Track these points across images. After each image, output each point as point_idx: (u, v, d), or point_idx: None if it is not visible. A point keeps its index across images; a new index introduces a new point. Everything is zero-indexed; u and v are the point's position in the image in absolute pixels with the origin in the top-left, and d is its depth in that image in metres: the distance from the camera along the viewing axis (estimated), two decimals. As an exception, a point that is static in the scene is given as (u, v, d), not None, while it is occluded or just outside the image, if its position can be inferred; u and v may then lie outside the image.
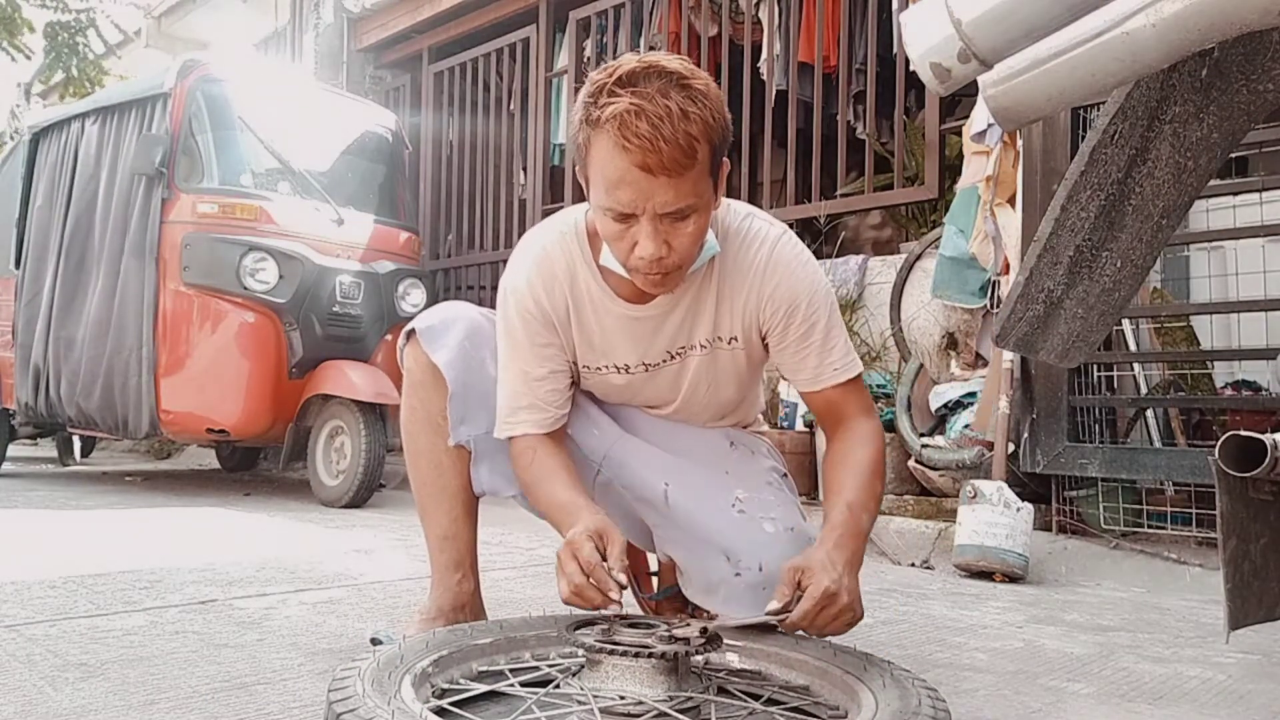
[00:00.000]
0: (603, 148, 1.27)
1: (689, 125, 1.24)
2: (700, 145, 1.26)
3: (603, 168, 1.28)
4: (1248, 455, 1.14)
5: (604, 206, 1.30)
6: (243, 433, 4.41)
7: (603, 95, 1.26)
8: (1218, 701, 1.55)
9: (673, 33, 5.31)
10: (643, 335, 1.51)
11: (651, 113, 1.22)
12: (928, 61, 1.13)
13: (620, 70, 1.27)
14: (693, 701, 1.17)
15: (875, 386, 3.78)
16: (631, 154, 1.23)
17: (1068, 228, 1.33)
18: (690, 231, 1.32)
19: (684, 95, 1.25)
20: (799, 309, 1.47)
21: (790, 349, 1.50)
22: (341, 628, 1.87)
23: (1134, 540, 2.82)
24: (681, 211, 1.29)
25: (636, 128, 1.22)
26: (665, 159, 1.23)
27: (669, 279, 1.38)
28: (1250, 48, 1.20)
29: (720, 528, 1.50)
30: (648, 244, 1.29)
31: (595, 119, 1.26)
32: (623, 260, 1.37)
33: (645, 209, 1.27)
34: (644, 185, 1.25)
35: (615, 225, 1.31)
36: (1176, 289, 3.29)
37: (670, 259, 1.32)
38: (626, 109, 1.23)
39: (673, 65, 1.27)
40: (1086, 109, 2.91)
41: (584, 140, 1.31)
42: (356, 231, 4.73)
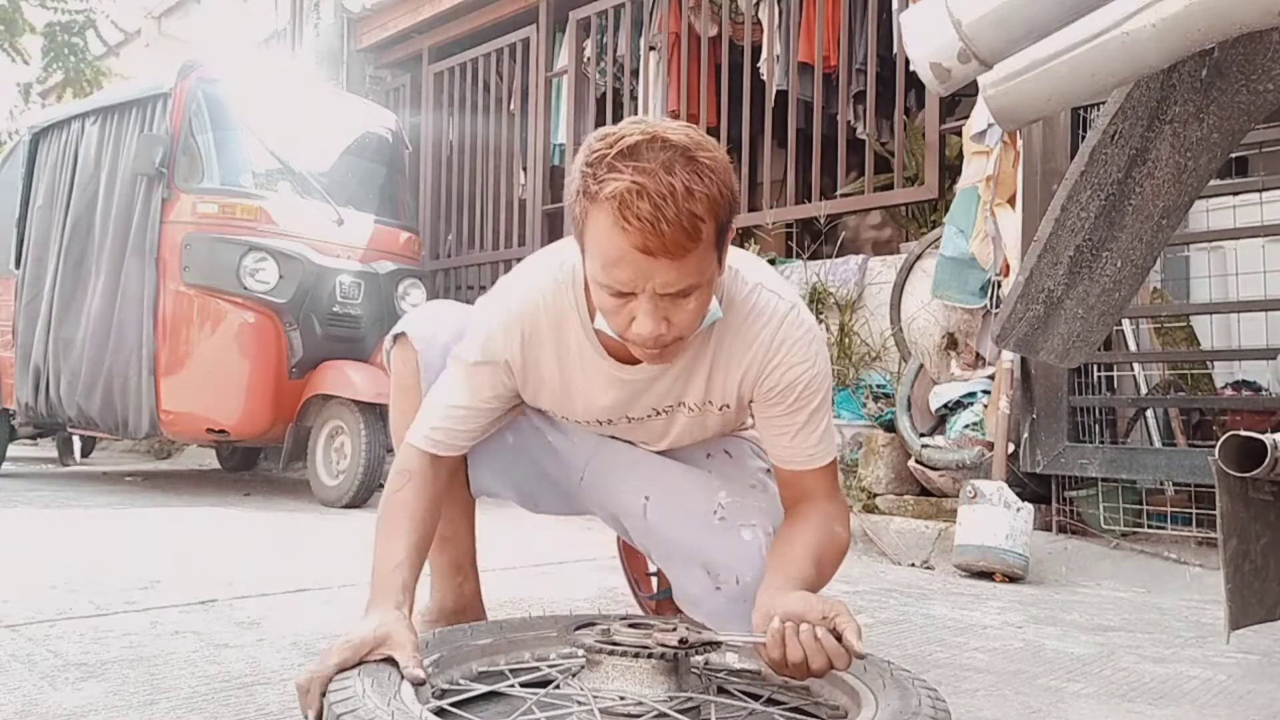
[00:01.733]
0: (600, 224, 1.18)
1: (694, 204, 1.15)
2: (705, 224, 1.17)
3: (600, 244, 1.19)
4: (1248, 455, 1.14)
5: (600, 282, 1.23)
6: (243, 433, 4.41)
7: (601, 168, 1.17)
8: (1218, 701, 1.55)
9: (673, 33, 5.31)
10: (629, 394, 1.46)
11: (654, 191, 1.14)
12: (928, 61, 1.13)
13: (622, 142, 1.17)
14: (693, 702, 1.17)
15: (875, 386, 3.78)
16: (631, 235, 1.15)
17: (1068, 228, 1.33)
18: (692, 308, 1.24)
19: (690, 171, 1.15)
20: (795, 389, 1.39)
21: (773, 421, 1.43)
22: (341, 628, 1.86)
23: (1134, 540, 2.82)
24: (683, 291, 1.21)
25: (637, 208, 1.13)
26: (667, 241, 1.15)
27: (668, 351, 1.30)
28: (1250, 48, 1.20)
29: (700, 542, 1.48)
30: (646, 322, 1.22)
31: (593, 193, 1.17)
32: (619, 332, 1.28)
33: (645, 288, 1.20)
34: (644, 266, 1.17)
35: (612, 300, 1.23)
36: (1176, 289, 3.29)
37: (670, 335, 1.25)
38: (627, 188, 1.14)
39: (677, 137, 1.17)
40: (1086, 109, 2.91)
41: (580, 212, 1.22)
42: (356, 231, 4.73)
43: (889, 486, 3.38)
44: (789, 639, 1.16)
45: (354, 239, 4.69)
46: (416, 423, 1.45)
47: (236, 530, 3.43)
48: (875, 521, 3.19)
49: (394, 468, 1.44)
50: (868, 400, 3.73)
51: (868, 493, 3.39)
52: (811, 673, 1.15)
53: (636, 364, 1.40)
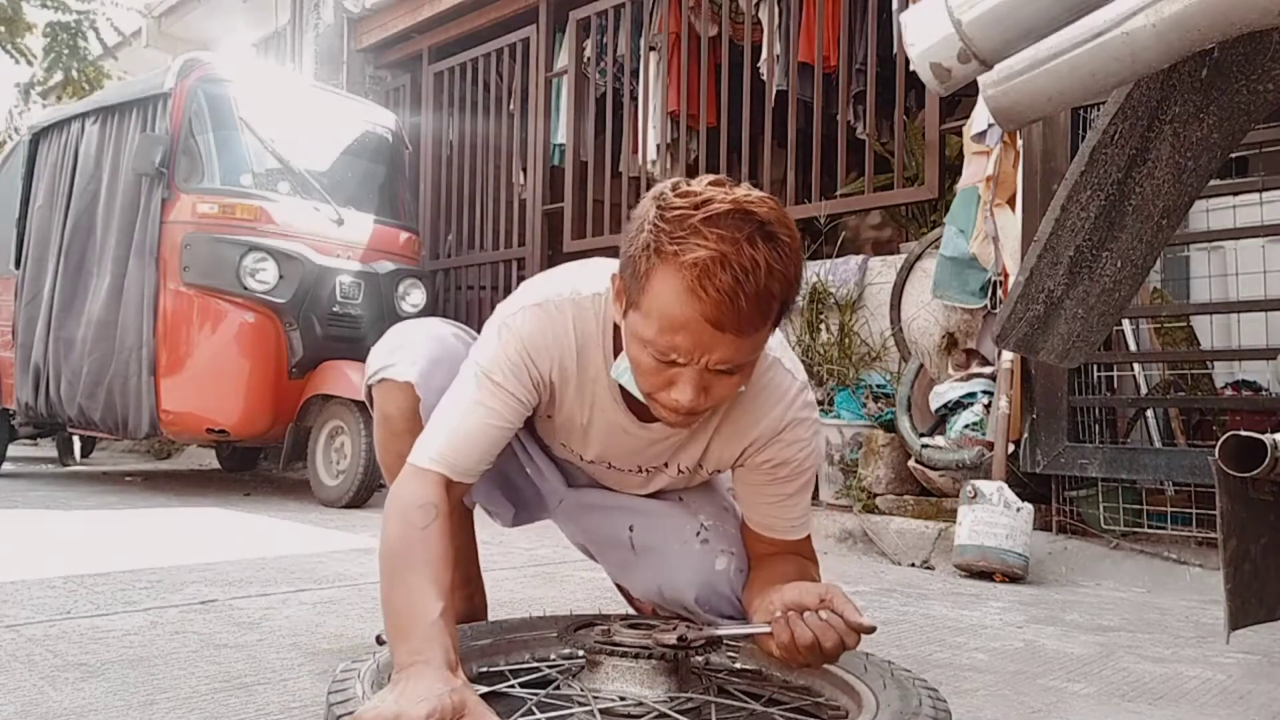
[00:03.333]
0: (670, 286, 1.11)
1: (772, 283, 1.11)
2: (776, 304, 1.14)
3: (663, 305, 1.12)
4: (1248, 455, 1.14)
5: (650, 343, 1.16)
6: (243, 433, 4.41)
7: (683, 229, 1.11)
8: (1218, 701, 1.55)
9: (673, 33, 5.31)
10: (626, 445, 1.43)
11: (737, 265, 1.08)
12: (928, 61, 1.13)
13: (709, 206, 1.11)
14: (693, 702, 1.17)
15: (875, 386, 3.78)
16: (705, 306, 1.09)
17: (1068, 228, 1.33)
18: (733, 383, 1.21)
19: (771, 247, 1.11)
20: (789, 465, 1.40)
21: (758, 488, 1.43)
22: (341, 628, 1.87)
23: (1134, 540, 2.82)
24: (732, 369, 1.17)
25: (719, 280, 1.08)
26: (741, 318, 1.10)
27: (691, 419, 1.26)
28: (1250, 48, 1.20)
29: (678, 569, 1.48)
30: (687, 391, 1.17)
31: (671, 254, 1.11)
32: (648, 391, 1.23)
33: (699, 360, 1.14)
34: (706, 339, 1.12)
35: (654, 363, 1.18)
36: (1176, 289, 3.29)
37: (703, 406, 1.21)
38: (712, 256, 1.09)
39: (761, 210, 1.12)
40: (1086, 109, 2.91)
41: (644, 267, 1.14)
42: (356, 231, 4.73)
43: (889, 486, 3.37)
44: (795, 623, 1.16)
45: (354, 239, 4.69)
46: (429, 444, 1.32)
47: (236, 530, 3.43)
48: (875, 521, 3.19)
49: (409, 498, 1.27)
50: (868, 400, 3.73)
51: (868, 493, 3.39)
52: (825, 653, 1.15)
53: (649, 422, 1.37)
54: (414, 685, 1.05)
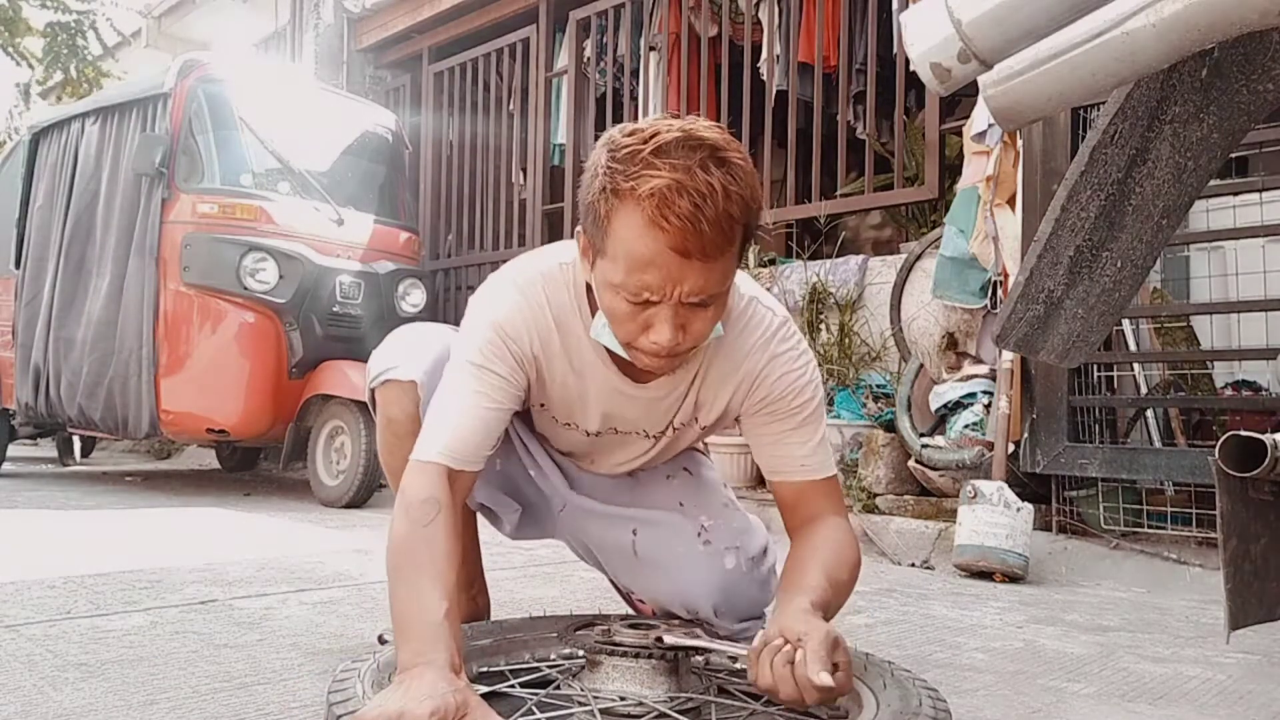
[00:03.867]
0: (632, 224, 1.12)
1: (730, 205, 1.12)
2: (738, 227, 1.15)
3: (628, 245, 1.13)
4: (1248, 455, 1.14)
5: (622, 286, 1.16)
6: (243, 433, 4.41)
7: (635, 164, 1.12)
8: (1218, 701, 1.55)
9: (673, 33, 5.31)
10: (626, 411, 1.43)
11: (693, 190, 1.09)
12: (928, 61, 1.13)
13: (657, 138, 1.12)
14: (693, 702, 1.17)
15: (875, 386, 3.78)
16: (669, 235, 1.10)
17: (1068, 228, 1.33)
18: (709, 317, 1.21)
19: (724, 171, 1.12)
20: (785, 398, 1.37)
21: (761, 431, 1.40)
22: (341, 628, 1.87)
23: (1134, 540, 2.82)
24: (705, 300, 1.18)
25: (677, 206, 1.09)
26: (706, 242, 1.11)
27: (675, 360, 1.27)
28: (1250, 48, 1.19)
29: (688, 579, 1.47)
30: (665, 330, 1.17)
31: (626, 190, 1.12)
32: (626, 340, 1.23)
33: (671, 294, 1.15)
34: (674, 270, 1.13)
35: (629, 307, 1.18)
36: (1176, 289, 3.29)
37: (684, 345, 1.21)
38: (667, 184, 1.09)
39: (710, 135, 1.14)
40: (1086, 109, 2.91)
41: (604, 211, 1.15)
42: (356, 231, 4.73)
43: (889, 486, 3.38)
44: (763, 663, 1.11)
45: (354, 239, 4.69)
46: (427, 438, 1.30)
47: (236, 530, 3.43)
48: (875, 521, 3.19)
49: (414, 494, 1.25)
50: (868, 400, 3.74)
51: (868, 493, 3.39)
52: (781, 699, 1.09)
53: (640, 380, 1.37)
54: (416, 685, 1.04)
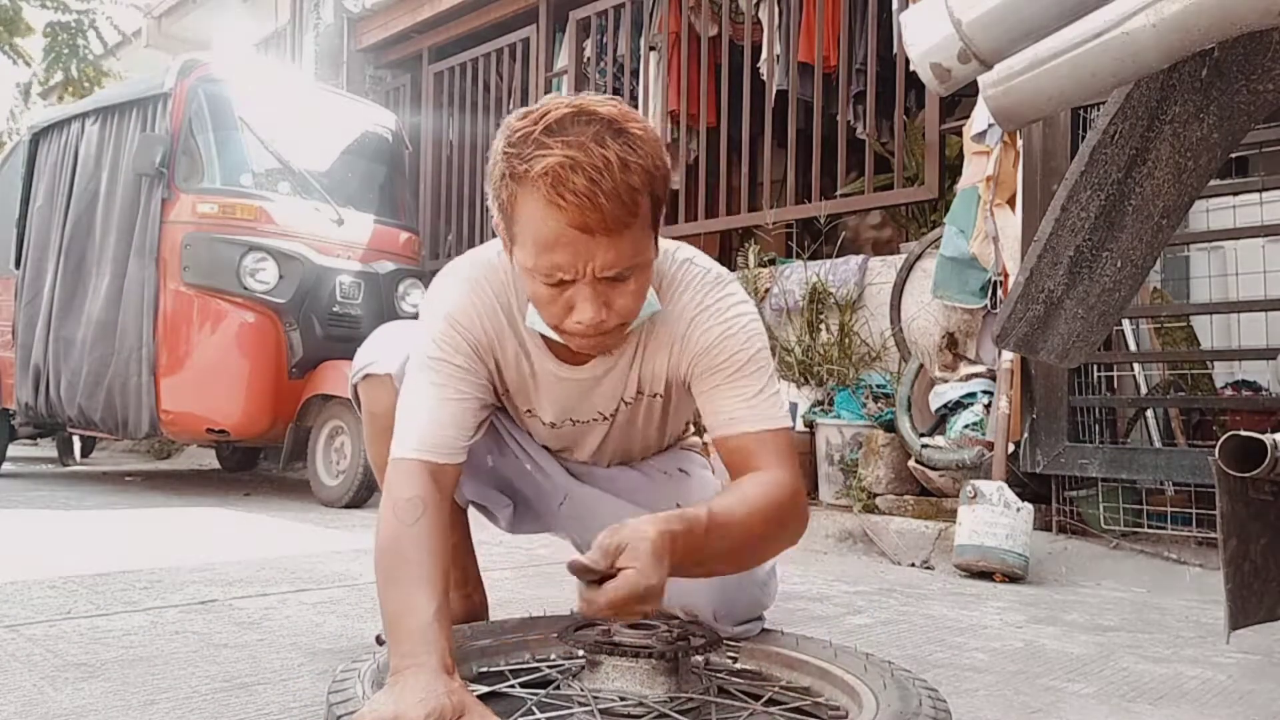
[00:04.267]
0: (532, 206, 1.13)
1: (630, 176, 1.11)
2: (642, 197, 1.13)
3: (534, 229, 1.14)
4: (1248, 455, 1.14)
5: (535, 270, 1.16)
6: (243, 433, 4.41)
7: (528, 145, 1.11)
8: (1218, 701, 1.55)
9: (673, 33, 5.31)
10: (572, 396, 1.43)
11: (588, 165, 1.09)
12: (928, 61, 1.13)
13: (547, 117, 1.12)
14: (693, 702, 1.17)
15: (875, 386, 3.78)
16: (567, 213, 1.10)
17: (1068, 228, 1.33)
18: (632, 290, 1.20)
19: (622, 143, 1.11)
20: (718, 346, 1.32)
21: (702, 387, 1.35)
22: (341, 628, 1.87)
23: (1134, 540, 2.82)
24: (622, 274, 1.17)
25: (572, 183, 1.08)
26: (606, 216, 1.10)
27: (608, 339, 1.25)
28: (1250, 48, 1.20)
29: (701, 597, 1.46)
30: (586, 308, 1.17)
31: (521, 174, 1.12)
32: (554, 325, 1.23)
33: (584, 271, 1.14)
34: (581, 247, 1.12)
35: (548, 290, 1.18)
36: (1176, 289, 3.29)
37: (610, 321, 1.20)
38: (560, 162, 1.09)
39: (605, 109, 1.14)
40: (1086, 109, 2.90)
41: (508, 197, 1.16)
42: (356, 231, 4.73)
43: (889, 486, 3.37)
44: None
45: (354, 239, 4.69)
46: (401, 436, 1.30)
47: (236, 530, 3.43)
48: (875, 521, 3.19)
49: (398, 493, 1.25)
50: (868, 400, 3.73)
51: (868, 493, 3.39)
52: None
53: (578, 362, 1.38)
54: (410, 688, 1.03)
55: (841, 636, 1.86)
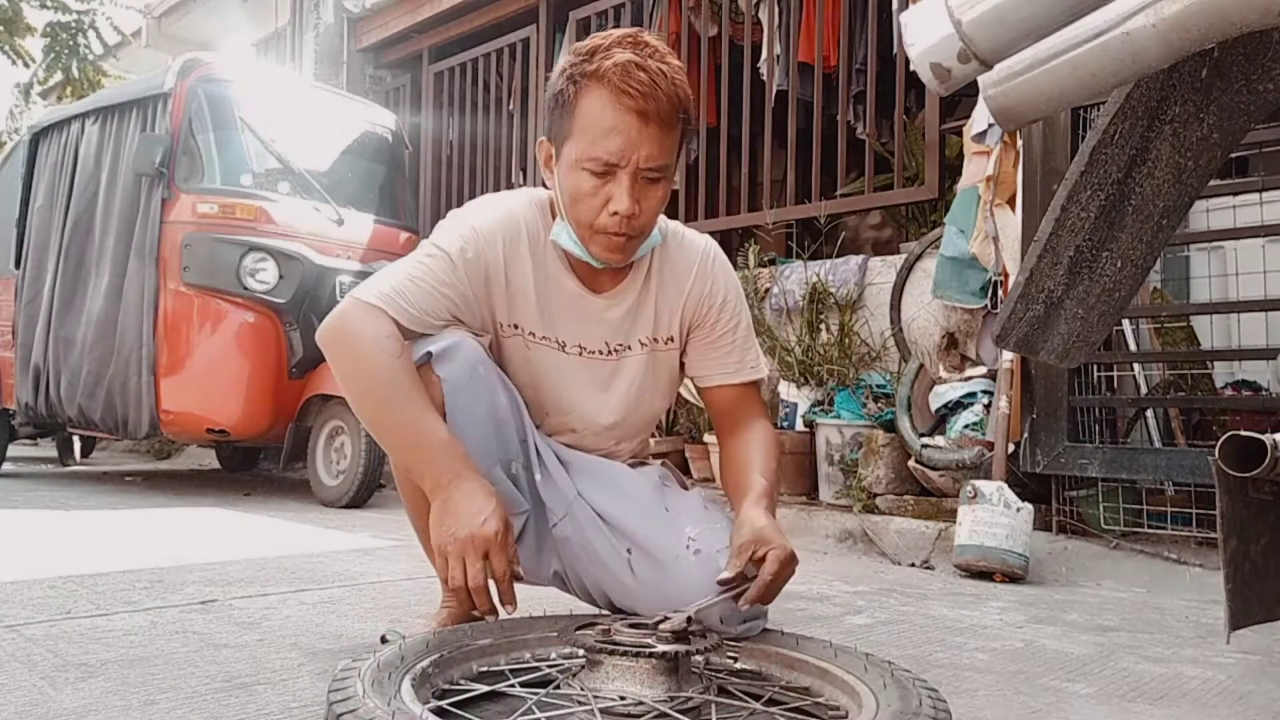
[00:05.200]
0: (597, 97, 1.34)
1: (679, 88, 1.36)
2: (682, 110, 1.37)
3: (595, 117, 1.34)
4: (1248, 455, 1.14)
5: (588, 157, 1.35)
6: (243, 433, 4.41)
7: (599, 53, 1.35)
8: (1218, 701, 1.55)
9: (673, 33, 5.31)
10: (587, 317, 1.54)
11: (652, 68, 1.33)
12: (928, 61, 1.13)
13: (613, 34, 1.38)
14: (693, 702, 1.17)
15: (875, 386, 3.78)
16: (633, 99, 1.31)
17: (1068, 228, 1.33)
18: (659, 196, 1.40)
19: (670, 65, 1.36)
20: (729, 305, 1.59)
21: (716, 342, 1.60)
22: (341, 628, 1.87)
23: (1134, 540, 2.82)
24: (658, 172, 1.37)
25: (639, 76, 1.31)
26: (662, 109, 1.33)
27: (628, 245, 1.43)
28: (1250, 48, 1.20)
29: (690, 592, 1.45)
30: (624, 198, 1.35)
31: (592, 71, 1.34)
32: (589, 221, 1.40)
33: (630, 160, 1.34)
34: (634, 135, 1.33)
35: (591, 180, 1.36)
36: (1176, 289, 3.29)
37: (638, 220, 1.39)
38: (629, 60, 1.32)
39: (655, 41, 1.39)
40: (1086, 109, 2.90)
41: (572, 95, 1.36)
42: (356, 231, 4.73)
43: (889, 486, 3.38)
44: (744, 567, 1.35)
45: (354, 239, 4.69)
46: (373, 285, 1.45)
47: (236, 530, 3.43)
48: (875, 521, 3.19)
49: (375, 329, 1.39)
50: (868, 400, 3.73)
51: (868, 493, 3.39)
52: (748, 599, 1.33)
53: (596, 290, 1.53)
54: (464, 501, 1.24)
55: (841, 636, 1.86)
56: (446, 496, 1.25)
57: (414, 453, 1.33)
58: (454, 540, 1.22)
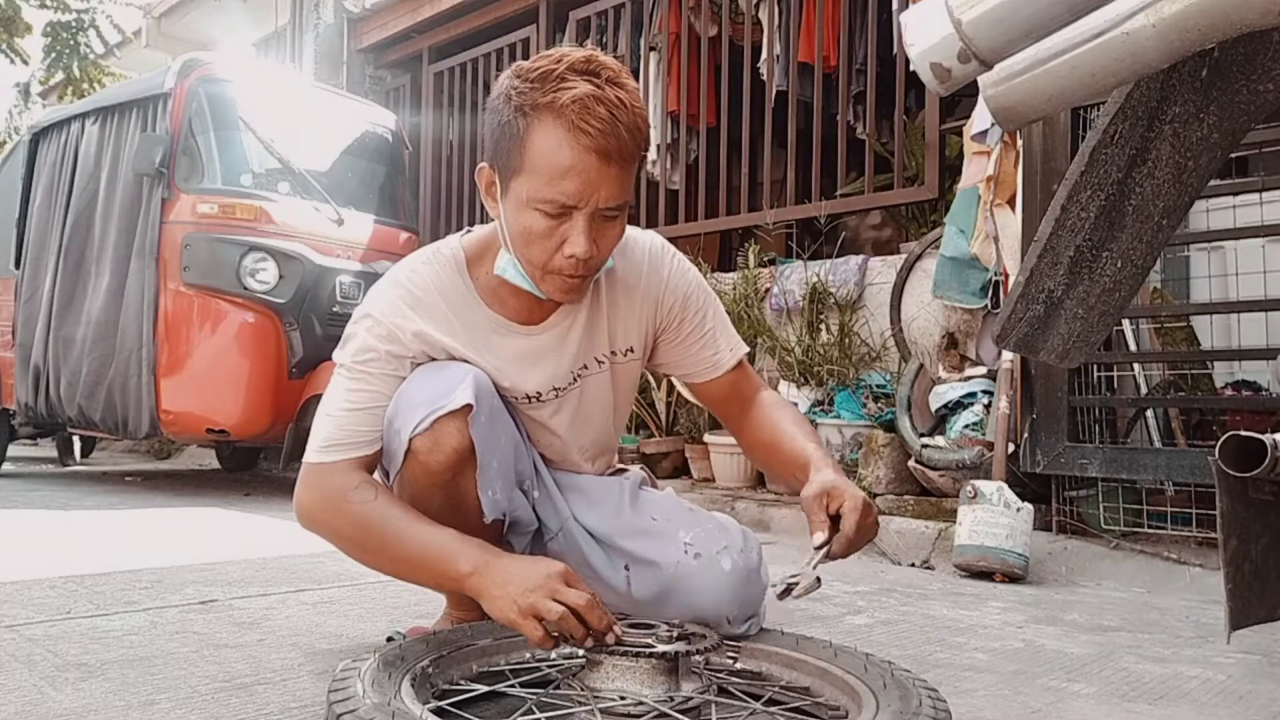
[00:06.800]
0: (552, 134, 1.21)
1: (638, 117, 1.24)
2: (642, 140, 1.26)
3: (550, 156, 1.22)
4: (1248, 455, 1.14)
5: (543, 199, 1.23)
6: (243, 433, 4.40)
7: (550, 80, 1.21)
8: (1218, 701, 1.55)
9: (673, 33, 5.31)
10: (544, 359, 1.46)
11: (610, 98, 1.21)
12: (928, 61, 1.13)
13: (567, 58, 1.23)
14: (693, 702, 1.17)
15: (875, 386, 3.78)
16: (592, 138, 1.20)
17: (1068, 228, 1.33)
18: (616, 233, 1.31)
19: (627, 92, 1.25)
20: (692, 301, 1.51)
21: (687, 340, 1.53)
22: (341, 628, 1.87)
23: (1134, 540, 2.82)
24: (616, 210, 1.27)
25: (598, 113, 1.19)
26: (625, 146, 1.22)
27: (584, 284, 1.34)
28: (1250, 48, 1.19)
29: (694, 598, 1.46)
30: (581, 241, 1.25)
31: (546, 104, 1.21)
32: (541, 262, 1.29)
33: (588, 202, 1.23)
34: (594, 176, 1.22)
35: (545, 222, 1.25)
36: (1176, 289, 3.29)
37: (594, 260, 1.29)
38: (588, 93, 1.20)
39: (610, 62, 1.27)
40: (1086, 109, 2.90)
41: (522, 128, 1.23)
42: (356, 231, 4.73)
43: (889, 486, 3.38)
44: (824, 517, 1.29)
45: (354, 239, 4.69)
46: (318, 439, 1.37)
47: (236, 530, 3.43)
48: (875, 521, 3.18)
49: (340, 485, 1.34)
50: (868, 400, 3.73)
51: (868, 492, 3.38)
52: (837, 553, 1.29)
53: (536, 323, 1.44)
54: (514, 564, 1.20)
55: (841, 636, 1.86)
56: (492, 576, 1.19)
57: (437, 568, 1.27)
58: (528, 589, 1.15)
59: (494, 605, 1.18)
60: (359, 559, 1.40)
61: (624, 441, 4.37)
